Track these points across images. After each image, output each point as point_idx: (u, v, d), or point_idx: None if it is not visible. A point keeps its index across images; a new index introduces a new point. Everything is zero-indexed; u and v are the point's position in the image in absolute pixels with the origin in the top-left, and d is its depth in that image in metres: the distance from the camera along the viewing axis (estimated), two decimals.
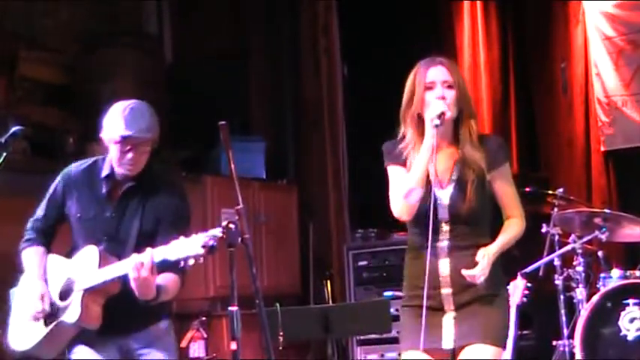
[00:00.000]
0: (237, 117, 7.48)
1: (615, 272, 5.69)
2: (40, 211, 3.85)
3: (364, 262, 6.99)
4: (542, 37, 7.41)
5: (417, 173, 3.25)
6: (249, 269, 3.27)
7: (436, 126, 3.22)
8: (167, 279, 3.55)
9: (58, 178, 3.83)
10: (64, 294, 3.63)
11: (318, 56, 7.95)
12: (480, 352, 3.24)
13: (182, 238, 3.32)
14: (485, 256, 3.22)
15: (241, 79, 7.98)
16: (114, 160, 3.67)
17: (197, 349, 6.35)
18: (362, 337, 6.75)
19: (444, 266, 3.28)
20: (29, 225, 3.86)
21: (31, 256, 3.79)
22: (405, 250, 3.49)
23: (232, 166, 3.32)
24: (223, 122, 3.45)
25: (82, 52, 7.06)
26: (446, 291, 3.28)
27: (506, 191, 3.38)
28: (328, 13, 7.99)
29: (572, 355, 5.58)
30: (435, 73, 3.32)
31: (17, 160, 4.00)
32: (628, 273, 5.66)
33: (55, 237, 3.88)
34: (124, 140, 3.61)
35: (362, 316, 5.13)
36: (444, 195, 3.31)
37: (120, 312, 3.58)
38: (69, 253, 3.78)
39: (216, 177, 6.52)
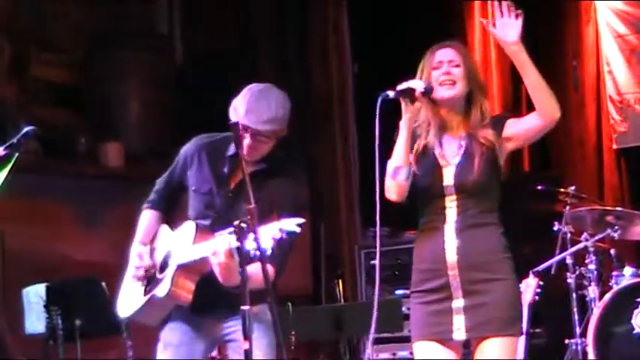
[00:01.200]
0: None
1: (627, 270, 5.67)
2: (164, 175, 3.79)
3: (375, 261, 6.98)
4: (553, 35, 7.39)
5: (398, 151, 3.26)
6: (261, 269, 3.27)
7: (402, 98, 3.23)
8: (256, 267, 3.37)
9: (188, 145, 3.74)
10: (163, 266, 3.60)
11: (328, 54, 7.95)
12: (496, 347, 3.22)
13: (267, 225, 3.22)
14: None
15: (251, 78, 7.96)
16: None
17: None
18: (374, 336, 6.74)
19: (451, 247, 3.25)
20: (155, 186, 3.80)
21: (142, 219, 3.76)
22: None
23: (243, 164, 3.31)
24: (235, 121, 3.45)
25: (92, 53, 7.09)
26: (452, 273, 3.25)
27: (521, 122, 3.33)
28: (338, 10, 7.99)
29: (584, 353, 5.57)
30: (443, 53, 3.35)
31: (29, 161, 4.01)
32: None
33: (177, 204, 3.79)
34: (244, 125, 3.50)
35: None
36: (450, 172, 3.29)
37: (213, 294, 3.51)
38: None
39: None
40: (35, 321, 5.41)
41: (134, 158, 7.10)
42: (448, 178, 3.28)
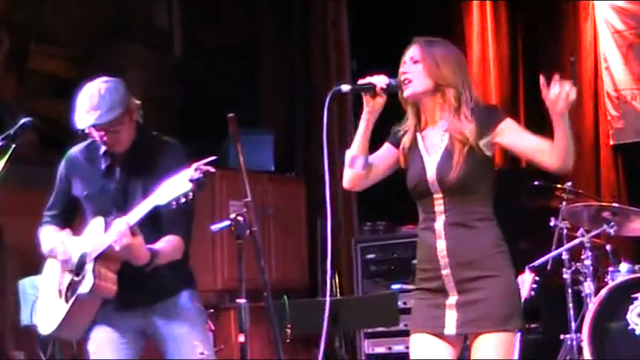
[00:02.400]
0: (247, 110, 7.50)
1: (623, 266, 5.68)
2: (50, 201, 3.89)
3: (372, 255, 7.00)
4: (551, 31, 7.39)
5: (355, 141, 3.35)
6: (257, 262, 3.29)
7: (363, 93, 3.32)
8: (163, 241, 3.57)
9: (61, 164, 3.88)
10: (79, 269, 3.64)
11: (328, 51, 7.96)
12: (491, 343, 3.23)
13: (168, 180, 3.31)
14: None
15: (251, 73, 7.99)
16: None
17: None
18: (369, 330, 6.76)
19: (441, 247, 3.26)
20: (44, 213, 3.90)
21: (44, 234, 3.83)
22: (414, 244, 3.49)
23: (241, 158, 3.33)
24: (232, 115, 3.47)
25: (92, 46, 7.09)
26: (445, 272, 3.26)
27: (521, 138, 3.28)
28: (338, 7, 8.00)
29: (579, 349, 5.58)
30: (409, 51, 3.37)
31: (27, 152, 4.02)
32: (636, 267, 5.65)
33: (70, 223, 3.88)
34: (88, 131, 3.63)
35: (370, 309, 5.15)
36: (431, 169, 3.30)
37: (135, 284, 3.59)
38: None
39: (225, 169, 6.54)
40: (31, 312, 5.42)
41: None
42: (431, 175, 3.29)
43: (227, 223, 3.33)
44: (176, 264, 3.68)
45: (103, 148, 3.72)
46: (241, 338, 3.23)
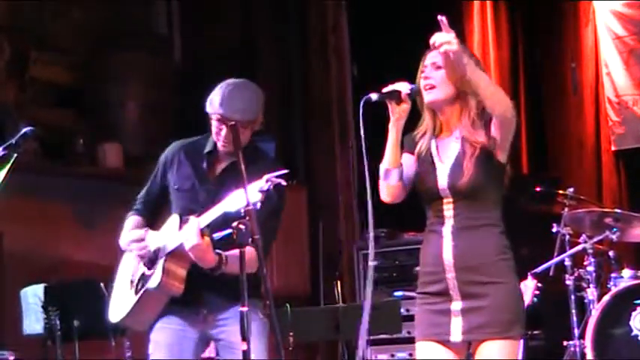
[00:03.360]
0: None
1: (626, 272, 5.67)
2: (146, 186, 3.90)
3: (374, 263, 6.97)
4: (552, 37, 7.39)
5: (387, 153, 3.30)
6: (260, 270, 3.27)
7: (388, 101, 3.26)
8: (234, 251, 3.48)
9: (165, 151, 3.89)
10: (152, 263, 3.66)
11: (328, 56, 7.95)
12: (494, 350, 3.22)
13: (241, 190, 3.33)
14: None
15: (250, 79, 7.97)
16: (213, 135, 3.74)
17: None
18: (372, 338, 6.74)
19: (448, 250, 3.26)
20: (137, 199, 3.91)
21: (128, 223, 3.84)
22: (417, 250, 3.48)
23: (242, 166, 3.32)
24: (233, 122, 3.47)
25: (92, 53, 7.08)
26: (449, 276, 3.26)
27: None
28: (337, 12, 7.99)
29: (582, 355, 5.56)
30: (430, 56, 3.35)
31: (28, 161, 4.01)
32: (639, 273, 5.64)
33: (160, 213, 3.88)
34: (219, 117, 3.68)
35: (372, 316, 5.13)
36: (444, 171, 3.30)
37: (201, 288, 3.62)
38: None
39: None
40: (33, 321, 5.41)
41: (133, 159, 7.10)
42: (442, 180, 3.29)
43: (229, 231, 3.31)
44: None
45: (207, 148, 3.77)
46: (244, 346, 3.21)
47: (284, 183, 3.41)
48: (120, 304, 3.78)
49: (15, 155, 3.41)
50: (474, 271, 3.22)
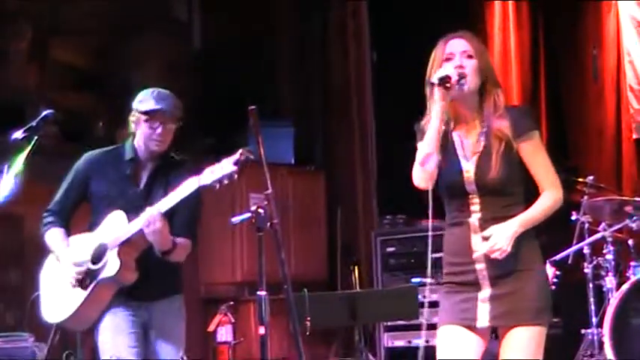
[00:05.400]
0: (266, 102, 7.49)
1: None
2: (59, 195, 4.03)
3: (392, 249, 6.98)
4: (573, 24, 7.33)
5: (429, 138, 3.21)
6: (278, 255, 3.28)
7: (439, 85, 3.18)
8: (179, 239, 3.81)
9: (80, 162, 4.04)
10: (97, 258, 3.79)
11: (347, 41, 7.93)
12: (522, 337, 3.21)
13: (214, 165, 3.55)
14: (498, 232, 3.18)
15: (270, 65, 7.98)
16: (143, 139, 3.91)
17: (225, 333, 6.39)
18: (389, 324, 6.75)
19: (476, 242, 3.25)
20: (48, 209, 4.05)
21: (54, 235, 3.97)
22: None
23: (262, 151, 3.33)
24: (253, 107, 3.48)
25: (112, 37, 7.09)
26: (480, 266, 3.25)
27: (535, 161, 3.28)
28: None
29: (600, 343, 5.55)
30: (454, 44, 3.29)
31: (48, 145, 4.05)
32: None
33: (71, 220, 4.04)
34: (155, 114, 3.86)
35: (389, 302, 5.13)
36: (470, 167, 3.28)
37: (144, 278, 3.77)
38: (88, 231, 3.95)
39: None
40: None
41: None
42: (469, 175, 3.26)
43: (247, 215, 3.32)
44: (175, 267, 3.90)
45: (128, 156, 3.94)
46: (261, 331, 3.22)
47: (252, 156, 3.53)
48: (60, 305, 3.87)
49: (35, 138, 3.43)
50: (504, 261, 3.21)
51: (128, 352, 3.76)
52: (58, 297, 3.89)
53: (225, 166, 3.49)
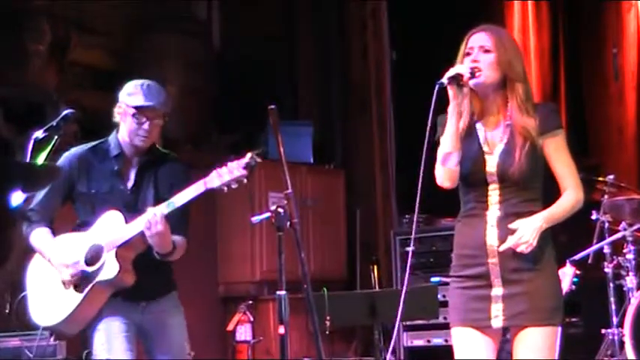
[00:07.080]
0: (286, 101, 7.50)
1: None
2: (42, 195, 3.90)
3: (411, 248, 6.97)
4: (593, 23, 7.30)
5: (448, 137, 3.23)
6: (298, 254, 3.28)
7: (450, 84, 3.19)
8: (177, 239, 3.80)
9: (63, 160, 3.92)
10: (92, 260, 3.74)
11: (367, 40, 7.92)
12: (535, 337, 3.20)
13: (222, 168, 3.56)
14: (524, 226, 3.17)
15: (289, 64, 7.99)
16: (128, 133, 3.85)
17: (244, 332, 6.40)
18: (409, 323, 6.74)
19: (492, 235, 3.24)
20: (31, 208, 3.91)
21: (41, 235, 3.88)
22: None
23: (281, 150, 3.33)
24: (272, 106, 3.47)
25: (131, 36, 7.12)
26: (492, 260, 3.23)
27: (559, 159, 3.30)
28: None
29: (621, 343, 5.52)
30: (475, 38, 3.29)
31: (68, 144, 4.05)
32: None
33: (53, 219, 3.96)
34: (143, 110, 3.80)
35: (409, 301, 5.12)
36: (493, 160, 3.27)
37: (141, 278, 3.75)
38: (76, 230, 3.89)
39: (265, 161, 6.56)
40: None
41: (171, 142, 7.13)
42: (491, 166, 3.25)
43: (267, 214, 3.32)
44: (168, 264, 3.89)
45: (114, 151, 3.88)
46: (281, 330, 3.22)
47: (261, 160, 3.59)
48: (52, 308, 3.80)
49: (56, 137, 3.44)
50: (518, 258, 3.20)
51: (123, 355, 3.74)
52: (48, 299, 3.81)
53: (234, 170, 3.51)
